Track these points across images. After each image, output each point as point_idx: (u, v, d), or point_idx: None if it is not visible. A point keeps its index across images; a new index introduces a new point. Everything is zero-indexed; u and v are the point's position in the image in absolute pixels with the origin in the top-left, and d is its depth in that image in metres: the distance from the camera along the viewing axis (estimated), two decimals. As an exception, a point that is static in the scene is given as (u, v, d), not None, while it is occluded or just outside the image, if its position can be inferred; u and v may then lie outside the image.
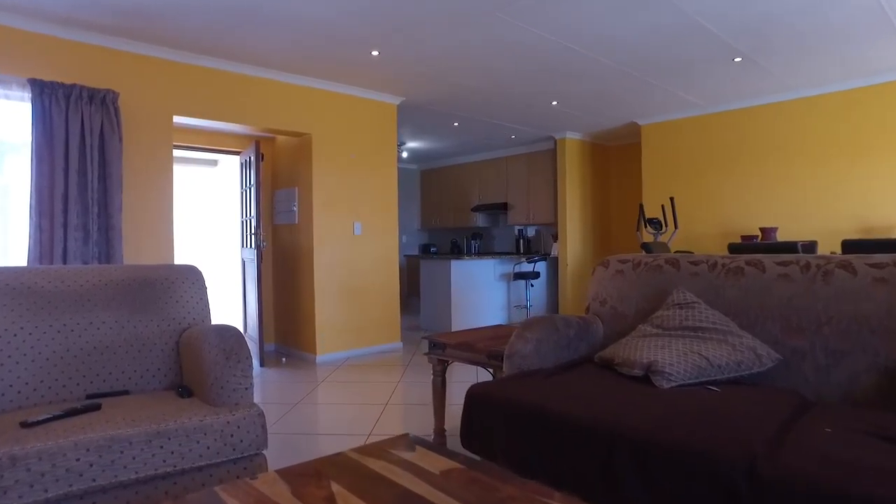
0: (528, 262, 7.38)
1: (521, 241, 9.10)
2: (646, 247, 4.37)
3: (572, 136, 7.91)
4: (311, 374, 4.80)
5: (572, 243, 7.96)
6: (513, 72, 5.03)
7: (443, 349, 2.82)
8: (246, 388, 2.06)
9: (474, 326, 7.33)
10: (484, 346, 2.64)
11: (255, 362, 5.16)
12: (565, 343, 2.56)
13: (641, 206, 6.34)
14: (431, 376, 2.94)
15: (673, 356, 2.17)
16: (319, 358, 5.24)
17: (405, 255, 9.96)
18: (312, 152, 5.22)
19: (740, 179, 6.24)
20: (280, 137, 5.75)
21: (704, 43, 4.37)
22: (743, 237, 4.00)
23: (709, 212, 6.44)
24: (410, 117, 6.66)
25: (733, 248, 3.60)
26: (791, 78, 5.28)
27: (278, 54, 4.49)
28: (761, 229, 5.79)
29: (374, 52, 4.48)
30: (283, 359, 5.41)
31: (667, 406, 1.88)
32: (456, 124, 7.14)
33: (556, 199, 8.29)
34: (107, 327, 2.28)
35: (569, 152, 7.90)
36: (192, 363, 2.24)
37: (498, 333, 2.99)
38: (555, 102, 6.14)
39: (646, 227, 6.23)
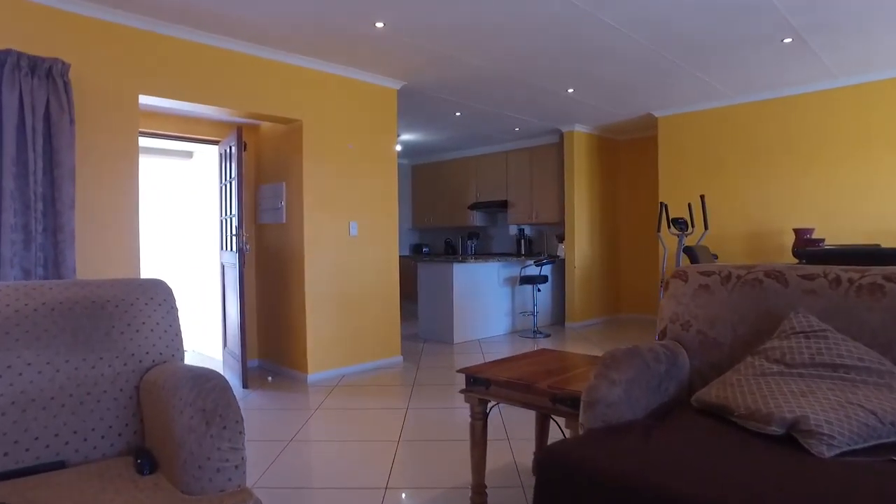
0: (536, 265, 6.80)
1: (522, 241, 8.53)
2: (689, 251, 3.83)
3: (580, 129, 7.35)
4: (303, 397, 4.14)
5: (580, 244, 7.40)
6: (533, 52, 4.43)
7: (486, 386, 2.20)
8: (236, 467, 1.42)
9: (478, 335, 6.78)
10: (546, 385, 2.03)
11: (237, 383, 4.48)
12: (656, 383, 1.96)
13: (665, 206, 5.80)
14: (469, 419, 2.32)
15: (827, 409, 1.59)
16: (311, 377, 4.58)
17: (397, 257, 9.29)
18: (303, 141, 4.56)
19: (767, 175, 5.73)
20: (265, 125, 5.07)
21: (758, 17, 3.81)
22: (807, 240, 3.48)
23: (732, 210, 5.93)
24: (408, 106, 6.02)
25: (806, 255, 3.05)
26: (836, 64, 4.77)
27: (265, 25, 3.82)
28: (795, 230, 5.28)
29: (379, 24, 3.83)
30: (270, 378, 4.74)
31: (858, 493, 1.29)
32: (458, 114, 6.52)
33: (561, 196, 7.73)
34: (34, 371, 1.62)
35: (577, 146, 7.34)
36: (158, 421, 1.59)
37: (550, 364, 2.39)
38: (571, 90, 5.55)
39: (669, 227, 5.69)
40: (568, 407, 1.96)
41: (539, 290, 6.99)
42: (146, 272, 6.12)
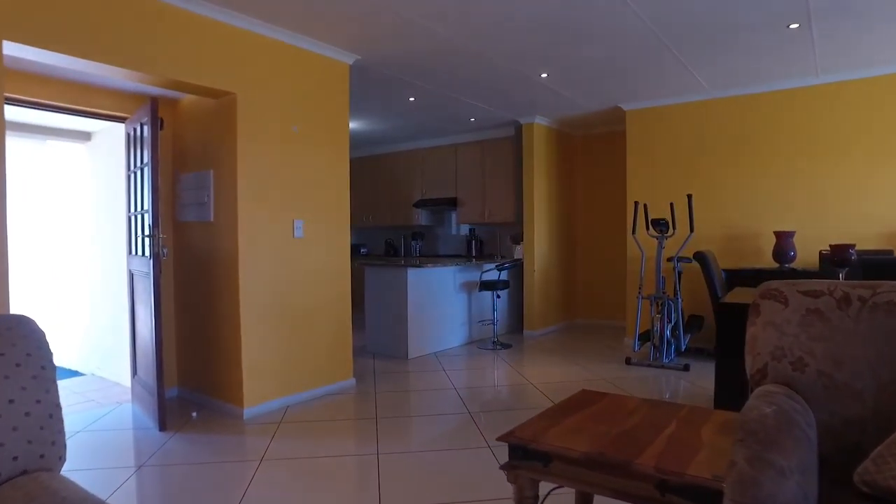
0: (498, 269, 6.19)
1: (473, 242, 7.90)
2: (700, 258, 3.32)
3: (540, 122, 6.81)
4: (240, 442, 3.28)
5: (539, 246, 6.87)
6: (514, 21, 3.78)
7: (545, 462, 1.51)
8: None
9: (434, 348, 6.02)
10: (652, 466, 1.36)
11: (151, 424, 3.54)
12: (814, 459, 1.35)
13: (645, 206, 5.36)
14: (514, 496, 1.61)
15: None
16: (248, 411, 3.70)
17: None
18: (237, 120, 3.67)
19: (746, 175, 5.42)
20: (187, 98, 4.12)
21: (778, -8, 3.37)
22: (833, 246, 3.07)
23: (706, 211, 5.55)
24: (356, 88, 5.21)
25: (870, 265, 2.58)
26: (825, 58, 4.46)
27: (190, -37, 2.93)
28: (776, 233, 4.98)
29: (341, -29, 3.05)
30: (194, 413, 3.81)
31: None
32: (412, 99, 5.78)
33: (516, 194, 7.18)
34: None
35: (536, 140, 6.79)
36: None
37: (621, 420, 1.73)
38: (545, 74, 4.97)
39: (648, 228, 5.25)
40: (690, 502, 1.30)
41: (499, 297, 6.39)
42: (18, 290, 4.96)
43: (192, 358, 4.15)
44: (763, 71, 4.85)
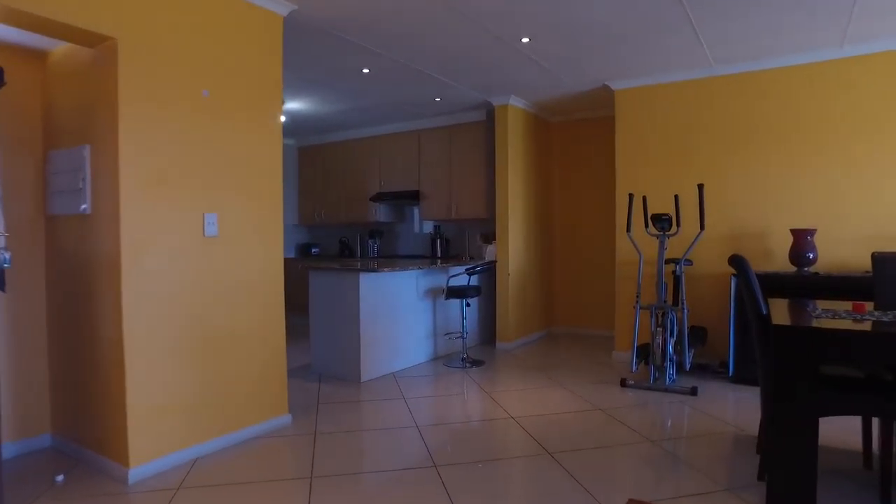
0: (468, 273, 5.31)
1: (438, 241, 7.02)
2: (738, 262, 2.49)
3: (516, 104, 5.97)
4: (111, 526, 2.30)
5: (515, 246, 6.03)
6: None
7: None
8: None
9: (393, 367, 4.93)
10: None
11: (-11, 497, 2.51)
12: None
13: (644, 199, 4.57)
14: None
15: None
16: (135, 472, 2.71)
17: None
18: (119, 76, 2.68)
19: (755, 164, 4.69)
20: (61, 49, 3.09)
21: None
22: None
23: (708, 207, 4.80)
24: (297, 55, 4.27)
25: None
26: (869, 20, 3.74)
27: None
28: (793, 231, 4.28)
29: None
30: (59, 477, 2.79)
31: None
32: (366, 71, 4.85)
33: (488, 187, 6.34)
34: None
35: (511, 125, 5.95)
36: None
37: None
38: (526, 38, 4.11)
39: (647, 226, 4.46)
40: None
41: (469, 306, 5.52)
42: None
43: (69, 396, 3.13)
44: (781, 39, 4.11)
